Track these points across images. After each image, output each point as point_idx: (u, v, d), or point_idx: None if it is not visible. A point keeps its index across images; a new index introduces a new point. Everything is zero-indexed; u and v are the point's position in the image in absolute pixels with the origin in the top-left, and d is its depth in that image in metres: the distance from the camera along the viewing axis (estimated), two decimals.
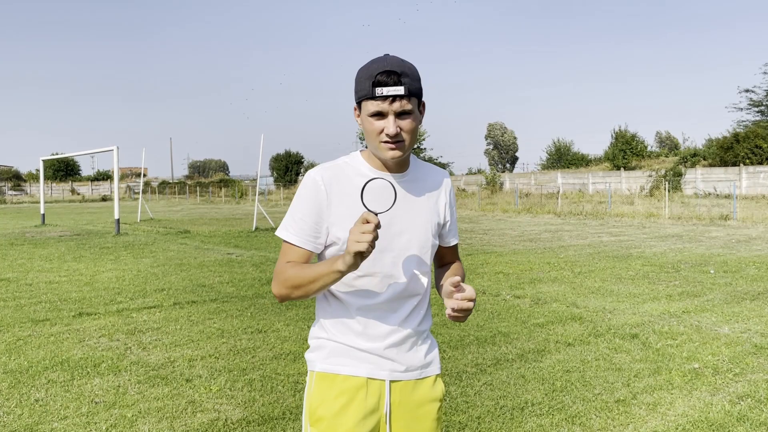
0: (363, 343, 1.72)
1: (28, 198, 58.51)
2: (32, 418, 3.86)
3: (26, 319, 6.59)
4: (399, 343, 1.73)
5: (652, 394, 4.20)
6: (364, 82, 1.61)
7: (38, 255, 12.58)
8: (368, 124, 1.63)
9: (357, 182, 1.69)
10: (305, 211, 1.70)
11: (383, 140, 1.62)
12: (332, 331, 1.74)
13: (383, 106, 1.59)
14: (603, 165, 53.66)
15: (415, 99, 1.63)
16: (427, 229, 1.76)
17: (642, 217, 22.27)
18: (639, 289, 8.07)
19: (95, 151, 21.60)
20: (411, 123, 1.63)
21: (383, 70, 1.58)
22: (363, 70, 1.64)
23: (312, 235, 1.70)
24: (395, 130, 1.60)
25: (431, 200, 1.78)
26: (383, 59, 1.62)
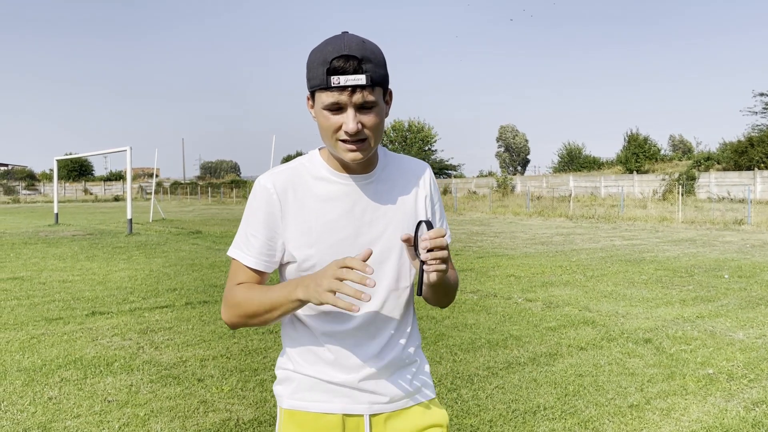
0: (336, 375, 1.47)
1: (41, 197, 59.01)
2: (46, 416, 3.89)
3: (40, 318, 6.64)
4: (378, 372, 1.48)
5: (665, 399, 4.17)
6: (318, 69, 1.34)
7: (52, 254, 12.68)
8: (323, 118, 1.37)
9: (315, 188, 1.46)
10: (255, 226, 1.46)
11: (341, 138, 1.37)
12: (299, 362, 1.50)
13: (341, 97, 1.33)
14: (615, 168, 53.40)
15: (380, 88, 1.37)
16: (399, 236, 1.48)
17: (655, 221, 22.13)
18: (652, 293, 8.01)
19: (108, 152, 21.75)
20: (375, 117, 1.37)
21: (340, 55, 1.31)
22: (316, 52, 1.36)
23: (264, 253, 1.46)
24: (355, 126, 1.34)
25: (407, 200, 1.52)
26: (339, 39, 1.34)
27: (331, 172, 1.47)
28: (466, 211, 30.04)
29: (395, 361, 1.51)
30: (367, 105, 1.35)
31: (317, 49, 1.36)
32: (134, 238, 16.34)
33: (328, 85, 1.32)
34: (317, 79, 1.34)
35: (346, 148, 1.37)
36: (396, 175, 1.54)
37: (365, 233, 1.46)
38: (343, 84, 1.31)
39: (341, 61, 1.31)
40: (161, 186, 67.58)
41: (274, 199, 1.44)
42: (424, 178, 1.57)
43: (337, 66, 1.31)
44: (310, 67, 1.37)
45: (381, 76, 1.36)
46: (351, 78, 1.31)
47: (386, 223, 1.48)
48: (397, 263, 1.49)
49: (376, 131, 1.38)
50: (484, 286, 8.54)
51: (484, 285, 8.67)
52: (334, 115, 1.35)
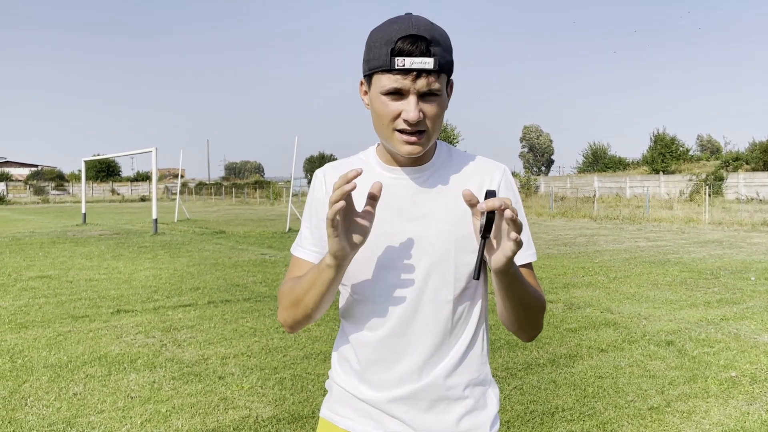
0: (365, 391, 1.34)
1: (70, 198, 60.06)
2: (70, 411, 3.97)
3: (66, 315, 6.77)
4: (409, 397, 1.31)
5: (686, 402, 4.12)
6: (380, 48, 1.21)
7: (79, 253, 12.91)
8: (380, 104, 1.23)
9: (365, 182, 1.32)
10: (309, 217, 1.39)
11: (399, 128, 1.24)
12: (337, 370, 1.41)
13: (404, 82, 1.19)
14: (641, 169, 52.76)
15: (445, 76, 1.24)
16: (446, 240, 1.30)
17: (681, 222, 21.82)
18: (676, 295, 7.92)
19: (135, 153, 22.08)
20: (437, 108, 1.24)
21: (407, 34, 1.18)
22: (379, 31, 1.24)
23: (317, 245, 1.37)
24: (417, 114, 1.20)
25: (461, 201, 1.31)
26: (406, 19, 1.22)
27: (380, 164, 1.36)
28: None
29: (431, 389, 1.30)
30: (431, 93, 1.22)
31: (380, 28, 1.24)
32: (159, 238, 16.57)
33: (391, 67, 1.19)
34: (379, 60, 1.21)
35: (404, 140, 1.24)
36: (455, 173, 1.36)
37: (405, 231, 1.30)
38: (408, 67, 1.18)
39: (408, 42, 1.18)
40: (186, 186, 68.38)
41: (322, 189, 1.37)
42: (492, 181, 1.36)
43: (403, 47, 1.18)
44: (371, 47, 1.23)
45: (448, 62, 1.24)
46: (417, 61, 1.18)
47: (430, 223, 1.31)
48: (440, 269, 1.30)
49: (437, 123, 1.25)
50: None
51: None
52: (394, 102, 1.22)
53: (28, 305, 7.33)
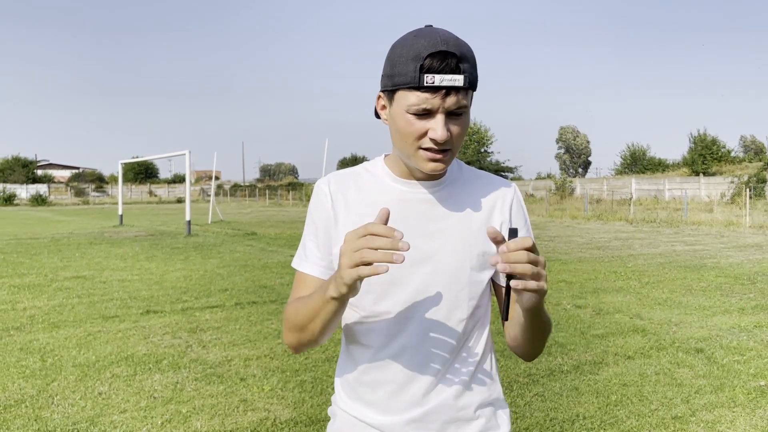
0: (373, 417, 1.30)
1: (109, 199, 61.44)
2: (94, 410, 4.06)
3: (97, 316, 6.92)
4: (420, 420, 1.28)
5: (712, 411, 4.02)
6: (407, 65, 1.16)
7: (114, 254, 13.20)
8: (404, 122, 1.19)
9: (369, 193, 1.31)
10: (312, 229, 1.35)
11: (425, 146, 1.20)
12: (342, 396, 1.37)
13: (433, 101, 1.15)
14: (681, 170, 51.65)
15: (471, 92, 1.21)
16: (461, 258, 1.27)
17: (721, 225, 21.29)
18: (710, 301, 7.72)
19: (170, 155, 22.49)
20: (464, 126, 1.21)
21: (437, 51, 1.13)
22: (404, 46, 1.18)
23: (323, 258, 1.32)
24: (445, 134, 1.17)
25: (474, 221, 1.30)
26: (433, 33, 1.17)
27: (392, 177, 1.31)
28: None
29: (442, 410, 1.28)
30: (459, 111, 1.18)
31: (405, 43, 1.19)
32: (192, 239, 16.83)
33: (420, 84, 1.14)
34: (406, 77, 1.16)
35: (428, 158, 1.20)
36: (468, 190, 1.33)
37: (418, 247, 1.25)
38: (438, 84, 1.14)
39: (438, 59, 1.14)
40: (222, 188, 69.37)
41: (327, 201, 1.32)
42: (504, 201, 1.33)
43: (433, 64, 1.14)
44: (395, 62, 1.18)
45: (476, 78, 1.19)
46: (448, 78, 1.14)
47: (445, 240, 1.27)
48: (454, 288, 1.27)
49: (461, 141, 1.22)
50: None
51: None
52: (420, 120, 1.18)
53: (61, 305, 7.51)
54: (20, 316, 6.87)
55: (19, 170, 67.15)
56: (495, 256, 1.08)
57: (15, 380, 4.67)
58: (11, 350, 5.50)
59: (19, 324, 6.50)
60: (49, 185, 64.84)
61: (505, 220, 1.32)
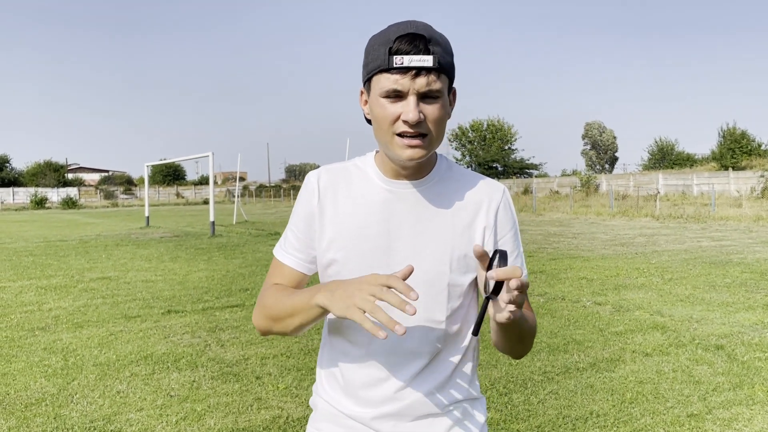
0: (350, 407, 1.33)
1: (137, 201, 62.37)
2: (112, 409, 4.14)
3: (120, 316, 7.05)
4: (395, 414, 1.30)
5: (729, 409, 3.95)
6: (379, 50, 1.17)
7: (139, 255, 13.41)
8: (379, 107, 1.19)
9: (356, 190, 1.32)
10: (296, 222, 1.36)
11: (399, 131, 1.19)
12: (324, 386, 1.39)
13: (403, 81, 1.15)
14: (710, 165, 50.73)
15: (446, 78, 1.20)
16: (440, 259, 1.27)
17: (749, 220, 20.88)
18: (733, 297, 7.59)
19: (194, 157, 22.77)
20: (439, 110, 1.19)
21: (405, 33, 1.15)
22: (377, 36, 1.21)
23: (302, 251, 1.35)
24: (417, 115, 1.16)
25: (459, 224, 1.29)
26: (405, 22, 1.19)
27: (378, 175, 1.31)
28: (545, 212, 29.40)
29: (417, 405, 1.30)
30: (432, 94, 1.17)
31: (378, 33, 1.22)
32: (216, 240, 17.02)
33: (390, 66, 1.15)
34: (377, 61, 1.17)
35: (404, 144, 1.19)
36: (454, 190, 1.32)
37: (399, 248, 1.27)
38: (407, 64, 1.14)
39: (406, 40, 1.15)
40: (247, 189, 69.98)
41: (315, 195, 1.33)
42: (490, 203, 1.32)
43: (402, 45, 1.15)
44: (369, 50, 1.21)
45: (449, 63, 1.19)
46: (416, 59, 1.14)
47: (426, 241, 1.28)
48: (433, 289, 1.28)
49: (439, 127, 1.20)
50: (553, 289, 8.35)
51: (553, 288, 8.48)
52: (393, 104, 1.18)
53: (86, 305, 7.66)
54: (45, 317, 7.02)
55: (50, 174, 68.54)
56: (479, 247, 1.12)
57: (37, 379, 4.78)
58: (35, 350, 5.63)
59: (44, 324, 6.65)
60: (79, 188, 66.08)
61: (489, 223, 1.31)
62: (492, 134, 64.77)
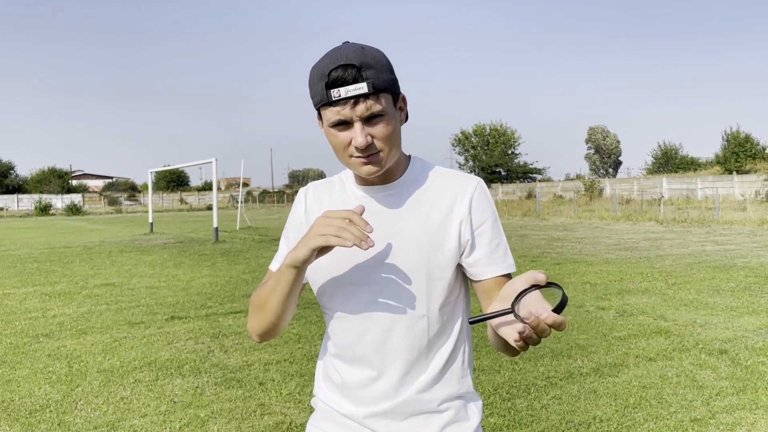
0: (345, 406, 1.38)
1: (141, 207, 62.51)
2: (115, 415, 4.15)
3: (124, 322, 7.06)
4: (388, 412, 1.34)
5: (732, 413, 3.94)
6: (318, 84, 1.25)
7: (143, 261, 13.44)
8: (331, 136, 1.29)
9: (336, 200, 1.42)
10: (288, 234, 1.46)
11: (354, 155, 1.27)
12: (321, 386, 1.45)
13: (344, 111, 1.23)
14: (714, 169, 50.65)
15: (387, 95, 1.27)
16: (419, 256, 1.31)
17: (754, 224, 20.81)
18: (738, 301, 7.57)
19: (197, 163, 22.82)
20: (385, 127, 1.26)
21: (337, 65, 1.22)
22: (314, 68, 1.27)
23: None
24: (364, 140, 1.24)
25: (433, 219, 1.34)
26: (337, 50, 1.25)
27: (354, 184, 1.41)
28: (549, 216, 29.36)
29: (408, 403, 1.33)
30: (374, 115, 1.25)
31: (316, 64, 1.28)
32: (219, 246, 17.05)
33: (330, 100, 1.23)
34: (318, 96, 1.26)
35: (360, 162, 1.28)
36: (426, 189, 1.38)
37: (377, 247, 1.32)
38: (344, 96, 1.22)
39: (339, 72, 1.22)
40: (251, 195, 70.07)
41: (302, 208, 1.44)
42: (464, 195, 1.35)
43: (336, 77, 1.22)
44: (310, 84, 1.28)
45: (385, 81, 1.25)
46: (351, 88, 1.21)
47: (402, 239, 1.33)
48: (413, 285, 1.32)
49: (389, 141, 1.27)
50: None
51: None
52: (342, 132, 1.26)
53: (90, 312, 7.68)
54: (50, 323, 7.05)
55: (54, 181, 68.81)
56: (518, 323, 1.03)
57: (41, 386, 4.80)
58: (40, 356, 5.65)
59: (48, 331, 6.67)
60: (83, 195, 66.30)
61: (464, 215, 1.34)
62: (495, 139, 64.78)
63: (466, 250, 1.34)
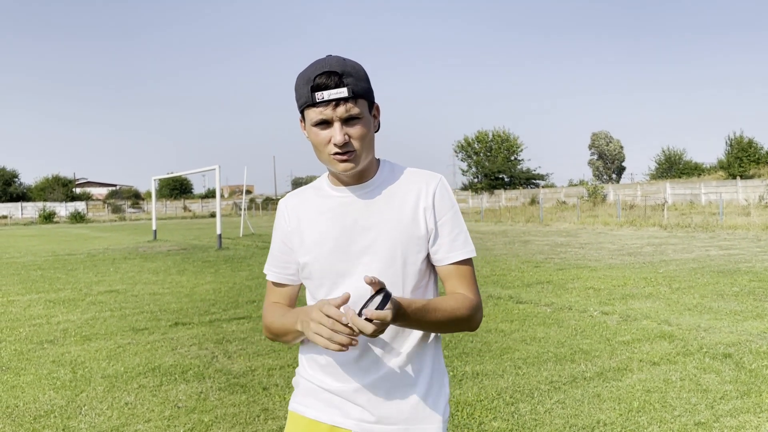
0: (331, 383, 1.54)
1: (145, 215, 62.64)
2: (120, 420, 4.16)
3: (128, 328, 7.08)
4: (370, 386, 1.51)
5: (737, 417, 3.94)
6: (303, 88, 1.45)
7: (147, 268, 13.46)
8: (313, 135, 1.47)
9: (315, 203, 1.59)
10: (275, 242, 1.64)
11: (332, 152, 1.46)
12: (305, 366, 1.61)
13: (326, 112, 1.42)
14: (717, 174, 50.59)
15: (364, 101, 1.46)
16: (396, 244, 1.51)
17: (758, 229, 20.77)
18: (741, 306, 7.55)
19: (201, 170, 22.88)
20: (361, 129, 1.45)
21: (321, 72, 1.42)
22: (300, 75, 1.47)
23: (281, 267, 1.62)
24: (343, 138, 1.43)
25: (405, 211, 1.53)
26: (322, 60, 1.46)
27: (330, 186, 1.58)
28: (552, 222, 29.34)
29: (388, 377, 1.51)
30: (352, 117, 1.44)
31: (303, 72, 1.47)
32: (223, 253, 17.08)
33: (314, 101, 1.43)
34: (304, 98, 1.45)
35: (338, 160, 1.46)
36: (396, 186, 1.56)
37: (357, 242, 1.51)
38: (327, 98, 1.41)
39: (323, 78, 1.41)
40: (254, 202, 70.16)
41: (285, 217, 1.61)
42: (427, 190, 1.55)
43: (320, 82, 1.41)
44: (296, 88, 1.48)
45: (363, 89, 1.45)
46: (333, 92, 1.41)
47: (379, 231, 1.51)
48: (390, 271, 1.50)
49: (364, 142, 1.46)
50: (560, 299, 8.34)
51: (560, 298, 8.46)
52: (323, 131, 1.45)
53: (94, 318, 7.70)
54: (54, 330, 7.07)
55: (58, 189, 69.02)
56: (368, 277, 1.32)
57: (46, 391, 4.81)
58: (44, 363, 5.66)
59: (52, 337, 6.69)
60: (87, 203, 66.47)
61: (428, 205, 1.53)
62: (498, 145, 64.80)
63: (431, 239, 1.54)
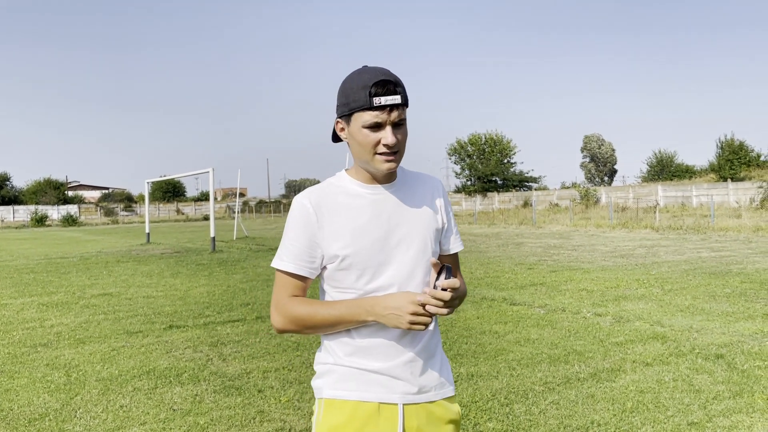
0: (372, 364, 1.64)
1: (137, 218, 62.39)
2: (115, 423, 4.16)
3: (122, 331, 7.07)
4: (410, 362, 1.65)
5: (729, 417, 3.97)
6: (359, 92, 1.57)
7: (140, 271, 13.43)
8: (362, 136, 1.59)
9: (346, 200, 1.67)
10: (296, 236, 1.66)
11: (380, 152, 1.59)
12: (338, 354, 1.66)
13: (382, 116, 1.56)
14: (708, 176, 50.87)
15: (406, 109, 1.63)
16: (425, 236, 1.70)
17: (749, 231, 20.91)
18: (733, 307, 7.61)
19: (194, 173, 22.85)
20: (405, 133, 1.63)
21: (379, 80, 1.56)
22: (353, 80, 1.60)
23: (304, 259, 1.66)
24: (394, 139, 1.57)
25: (426, 205, 1.73)
26: (374, 68, 1.61)
27: (360, 185, 1.69)
28: (545, 224, 29.43)
29: (423, 350, 1.68)
30: (401, 122, 1.60)
31: (353, 78, 1.61)
32: (216, 256, 17.04)
33: (371, 105, 1.55)
34: (359, 102, 1.57)
35: (384, 159, 1.60)
36: (414, 186, 1.75)
37: (394, 234, 1.66)
38: (384, 103, 1.55)
39: (381, 86, 1.56)
40: (247, 205, 70.05)
41: (310, 213, 1.65)
42: (437, 190, 1.79)
43: (379, 89, 1.55)
44: (348, 92, 1.60)
45: (407, 98, 1.62)
46: (390, 98, 1.56)
47: (411, 226, 1.68)
48: (423, 258, 1.68)
49: (405, 145, 1.65)
50: (554, 301, 8.38)
51: (553, 299, 8.50)
52: (374, 133, 1.58)
53: (87, 322, 7.68)
54: (47, 333, 7.05)
55: (50, 192, 68.66)
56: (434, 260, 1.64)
57: (40, 395, 4.80)
58: (38, 366, 5.65)
59: (46, 341, 6.67)
60: (79, 206, 66.11)
61: (441, 204, 1.77)
62: (491, 148, 64.94)
63: (444, 232, 1.77)
